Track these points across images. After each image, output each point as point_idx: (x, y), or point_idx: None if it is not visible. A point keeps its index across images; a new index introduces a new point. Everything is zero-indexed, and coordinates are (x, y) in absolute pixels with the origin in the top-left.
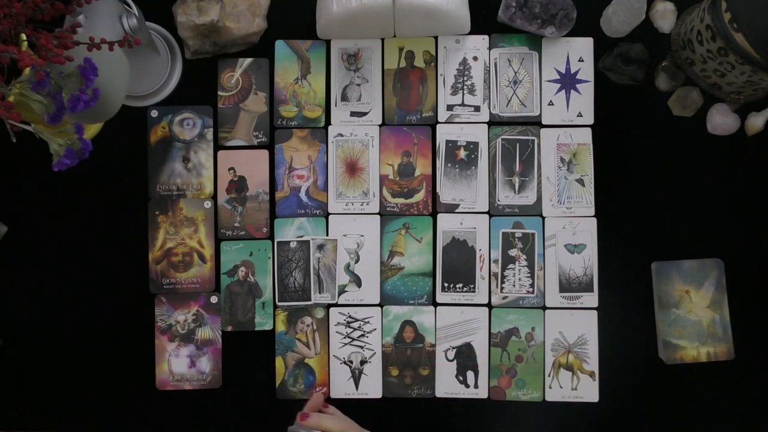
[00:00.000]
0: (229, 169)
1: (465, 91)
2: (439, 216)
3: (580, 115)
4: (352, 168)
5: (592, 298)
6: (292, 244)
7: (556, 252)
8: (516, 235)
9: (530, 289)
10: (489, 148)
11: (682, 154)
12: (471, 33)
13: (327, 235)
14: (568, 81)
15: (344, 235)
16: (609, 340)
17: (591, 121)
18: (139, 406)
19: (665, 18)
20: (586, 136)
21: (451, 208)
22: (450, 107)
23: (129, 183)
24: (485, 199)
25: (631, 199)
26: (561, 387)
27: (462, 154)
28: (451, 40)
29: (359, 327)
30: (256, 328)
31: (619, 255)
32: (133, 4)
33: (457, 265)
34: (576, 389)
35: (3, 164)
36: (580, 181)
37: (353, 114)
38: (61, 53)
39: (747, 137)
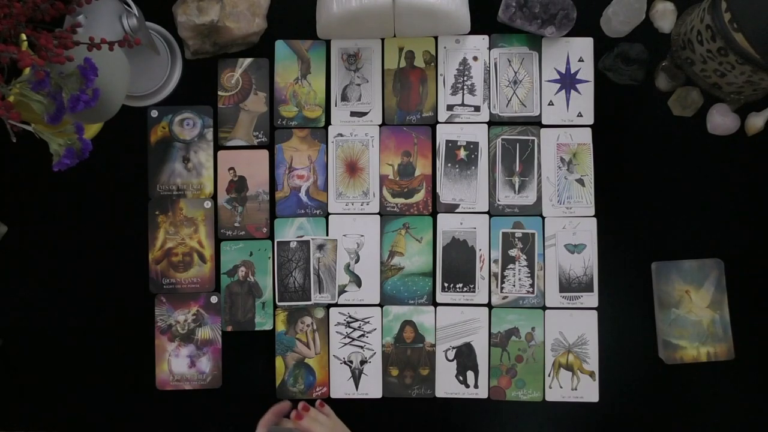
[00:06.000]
0: (229, 169)
1: (465, 91)
2: (439, 216)
3: (580, 115)
4: (352, 168)
5: (592, 298)
6: (292, 244)
7: (556, 252)
8: (516, 235)
9: (530, 289)
10: (489, 148)
11: (682, 154)
12: (471, 33)
13: (327, 235)
14: (568, 81)
15: (344, 235)
16: (609, 340)
17: (591, 121)
18: (139, 406)
19: (665, 18)
20: (586, 136)
21: (451, 208)
22: (450, 107)
23: (129, 183)
24: (485, 199)
25: (631, 199)
26: (561, 387)
27: (462, 154)
28: (451, 40)
29: (359, 327)
30: (256, 328)
31: (619, 255)
32: (133, 4)
33: (457, 265)
34: (576, 389)
35: (3, 164)
36: (580, 181)
37: (353, 114)
38: (61, 53)
39: (747, 137)
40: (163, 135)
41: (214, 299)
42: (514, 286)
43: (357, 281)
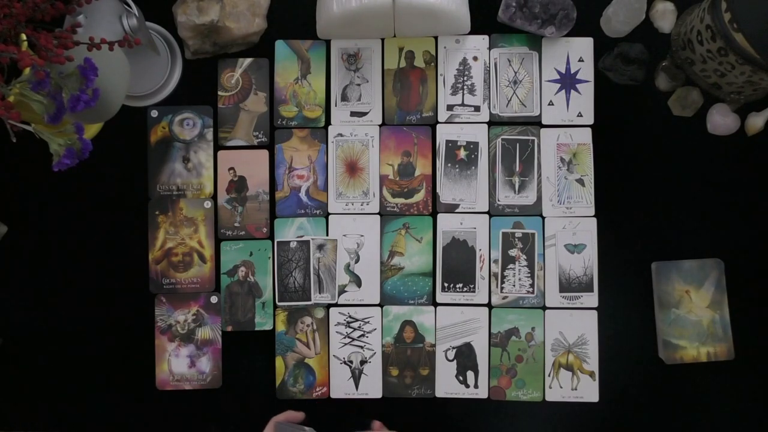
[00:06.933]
0: (229, 169)
1: (465, 91)
2: (439, 216)
3: (580, 115)
4: (352, 168)
5: (592, 298)
6: (292, 244)
7: (556, 252)
8: (516, 235)
9: (530, 289)
10: (489, 148)
11: (682, 154)
12: (471, 33)
13: (327, 235)
14: (568, 81)
15: (344, 235)
16: (609, 340)
17: (591, 121)
18: (139, 406)
19: (665, 18)
20: (586, 136)
21: (451, 208)
22: (450, 107)
23: (129, 183)
24: (485, 199)
25: (631, 199)
26: (561, 387)
27: (462, 154)
28: (451, 40)
29: (359, 327)
30: (256, 328)
31: (619, 255)
32: (133, 4)
33: (457, 265)
34: (576, 389)
35: (3, 164)
36: (580, 181)
37: (353, 114)
38: (61, 53)
39: (747, 137)
40: (163, 135)
41: (214, 299)
42: (514, 286)
43: (357, 281)
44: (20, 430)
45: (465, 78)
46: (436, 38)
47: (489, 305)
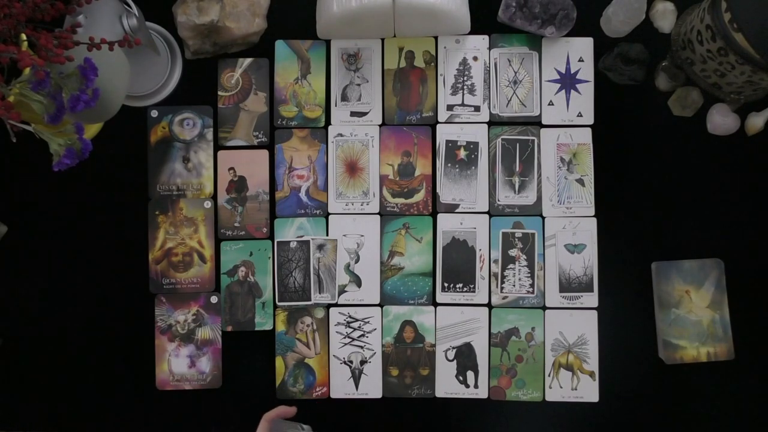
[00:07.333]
0: (229, 169)
1: (465, 91)
2: (439, 216)
3: (580, 115)
4: (352, 168)
5: (592, 298)
6: (292, 244)
7: (556, 252)
8: (516, 235)
9: (530, 289)
10: (489, 148)
11: (682, 154)
12: (471, 33)
13: (327, 235)
14: (568, 81)
15: (344, 235)
16: (609, 340)
17: (591, 121)
18: (139, 406)
19: (665, 18)
20: (586, 136)
21: (451, 208)
22: (450, 107)
23: (129, 183)
24: (485, 199)
25: (631, 199)
26: (561, 387)
27: (462, 154)
28: (451, 40)
29: (359, 327)
30: (256, 328)
31: (619, 255)
32: (133, 4)
33: (457, 265)
34: (576, 389)
35: (3, 164)
36: (580, 181)
37: (353, 114)
38: (61, 53)
39: (747, 137)
40: (163, 135)
41: (214, 299)
42: (514, 286)
43: (357, 281)
44: (20, 430)
45: (465, 78)
46: (436, 38)
47: (489, 305)
